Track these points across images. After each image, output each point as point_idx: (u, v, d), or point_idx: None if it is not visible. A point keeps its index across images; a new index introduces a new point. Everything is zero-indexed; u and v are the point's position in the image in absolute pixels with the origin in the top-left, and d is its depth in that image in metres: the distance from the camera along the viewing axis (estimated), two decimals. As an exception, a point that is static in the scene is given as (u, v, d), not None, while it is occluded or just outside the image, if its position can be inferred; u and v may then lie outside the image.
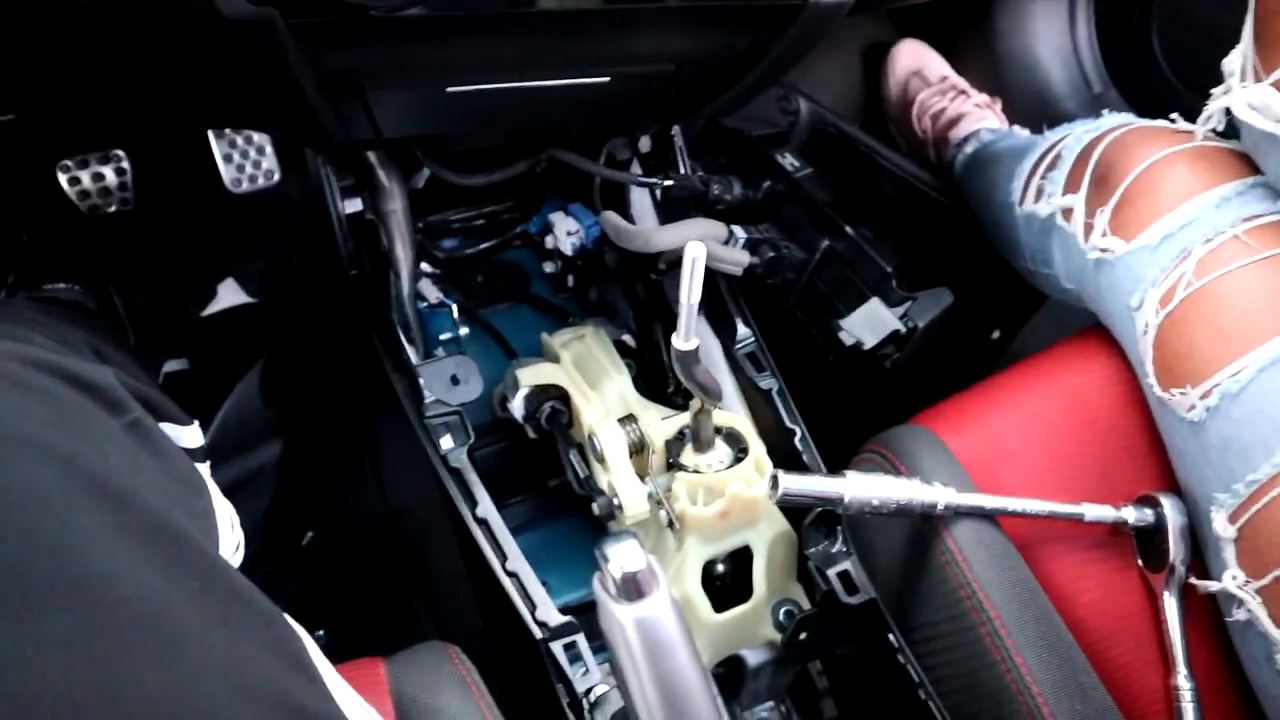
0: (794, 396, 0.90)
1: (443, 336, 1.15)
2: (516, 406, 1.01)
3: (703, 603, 0.83)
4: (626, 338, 1.12)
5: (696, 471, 0.81)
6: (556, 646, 0.73)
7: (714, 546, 0.83)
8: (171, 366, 1.25)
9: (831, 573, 0.81)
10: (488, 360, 1.16)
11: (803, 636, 0.86)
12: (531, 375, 0.99)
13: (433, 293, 1.15)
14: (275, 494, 1.17)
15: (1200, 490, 0.68)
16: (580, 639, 0.75)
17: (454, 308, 1.14)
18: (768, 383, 0.90)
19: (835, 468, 0.93)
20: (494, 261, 1.24)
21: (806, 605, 0.88)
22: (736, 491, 0.80)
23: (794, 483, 0.72)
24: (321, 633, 1.15)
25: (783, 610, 0.88)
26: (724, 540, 0.84)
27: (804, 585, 0.90)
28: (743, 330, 0.93)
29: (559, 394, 0.98)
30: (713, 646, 0.86)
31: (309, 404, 1.20)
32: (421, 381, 0.86)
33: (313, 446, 1.20)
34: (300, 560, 1.17)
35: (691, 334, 0.68)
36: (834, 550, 0.83)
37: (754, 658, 0.93)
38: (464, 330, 1.15)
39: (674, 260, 1.01)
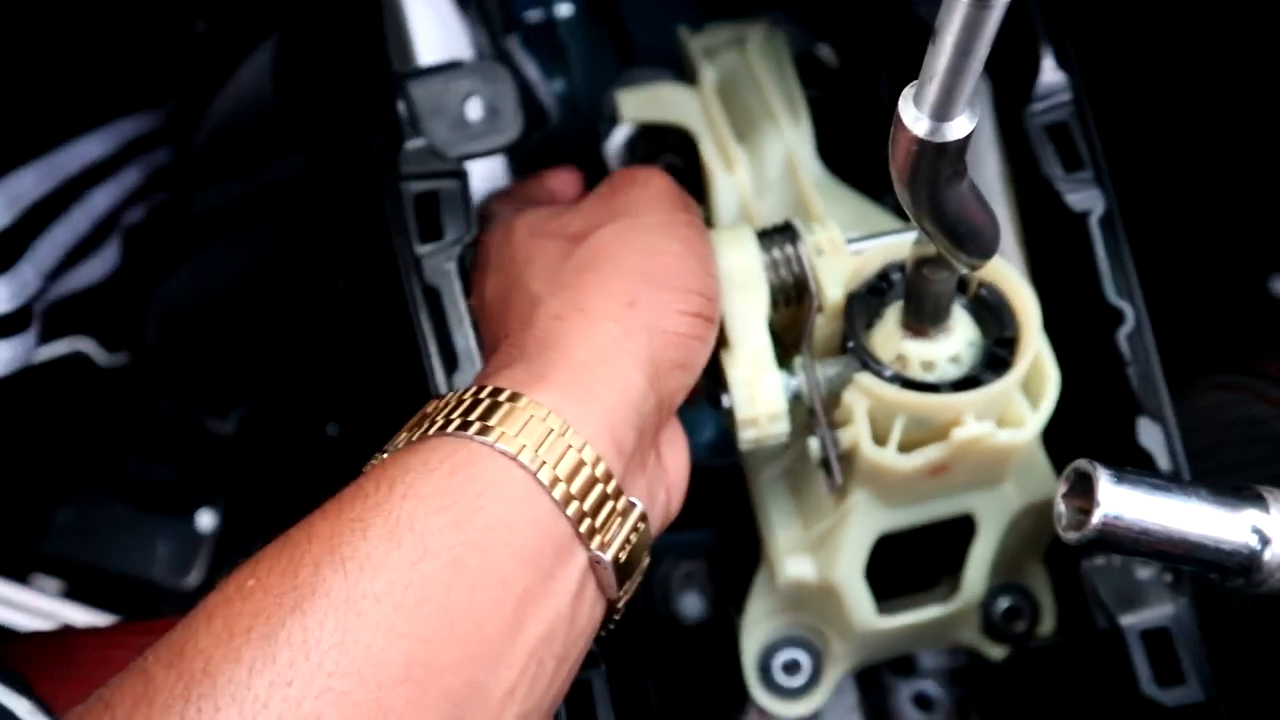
0: (1131, 232, 0.44)
1: (530, 15, 0.72)
2: (612, 152, 0.60)
3: (861, 599, 0.45)
4: (824, 50, 0.66)
5: (900, 380, 0.39)
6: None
7: (903, 514, 0.43)
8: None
9: (1129, 623, 0.40)
10: (597, 65, 0.73)
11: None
12: (641, 104, 0.57)
13: (520, -62, 0.70)
14: (295, 227, 0.83)
15: None
16: (598, 678, 0.39)
17: (551, -33, 0.70)
18: (1083, 197, 0.44)
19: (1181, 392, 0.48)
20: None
21: (1047, 604, 0.49)
22: (976, 437, 0.38)
23: (1126, 503, 0.30)
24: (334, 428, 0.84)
25: (1003, 603, 0.49)
26: (924, 505, 0.43)
27: (1051, 564, 0.49)
28: (1052, 76, 0.46)
29: (682, 141, 0.56)
30: (863, 653, 0.49)
31: (341, 109, 0.81)
32: (402, 107, 0.45)
33: (343, 167, 0.83)
34: (329, 317, 0.85)
35: (965, 99, 0.24)
36: (1141, 577, 0.41)
37: (932, 661, 0.55)
38: (565, 8, 0.72)
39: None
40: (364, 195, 0.76)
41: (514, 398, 0.32)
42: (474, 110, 0.48)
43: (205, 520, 0.80)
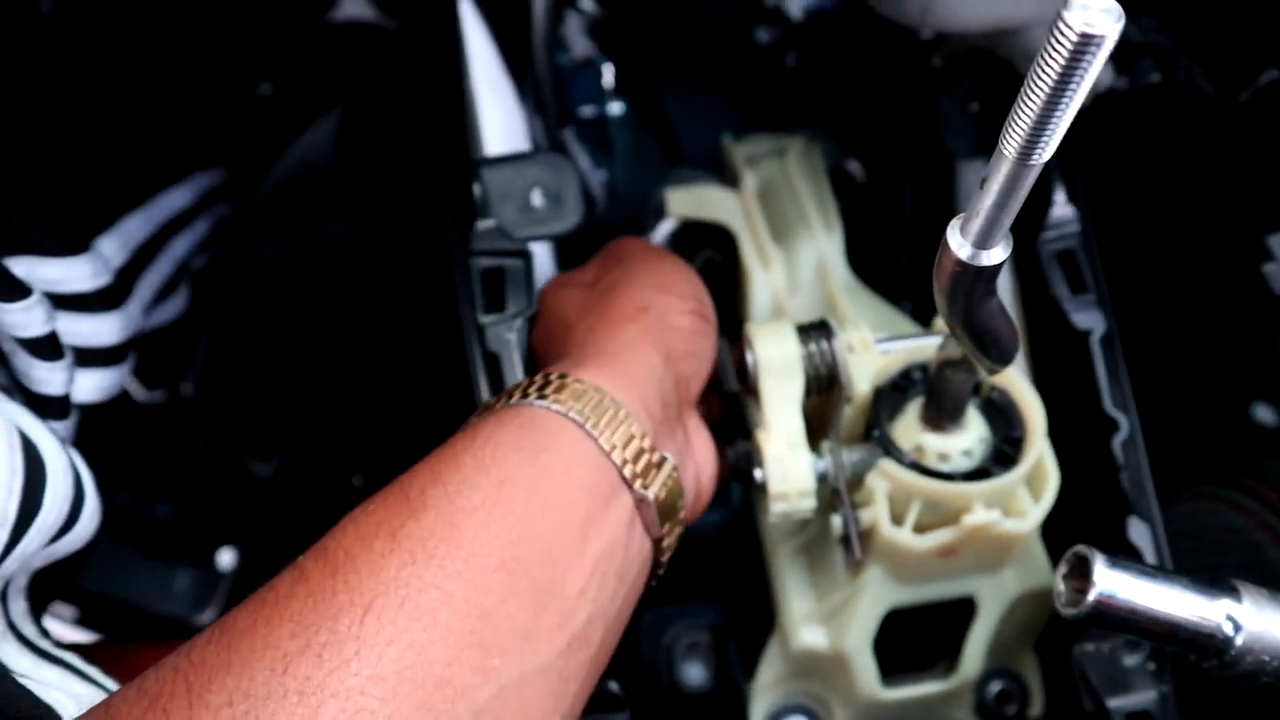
0: (1129, 352, 0.49)
1: (584, 110, 0.78)
2: (657, 242, 0.65)
3: (868, 669, 0.48)
4: (854, 166, 0.72)
5: (917, 467, 0.44)
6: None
7: (912, 591, 0.47)
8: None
9: (1115, 706, 0.44)
10: (642, 160, 0.79)
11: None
12: (686, 202, 0.62)
13: (581, 43, 0.77)
14: (341, 286, 0.88)
15: None
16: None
17: (606, 69, 0.77)
18: (1086, 317, 0.50)
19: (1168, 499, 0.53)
20: (691, 10, 0.84)
21: (1036, 688, 0.52)
22: (983, 524, 0.43)
23: (1118, 584, 0.34)
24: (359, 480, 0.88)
25: (996, 686, 0.53)
26: (932, 585, 0.48)
27: (1041, 653, 0.53)
28: (1062, 209, 0.52)
29: (722, 238, 0.62)
30: (864, 723, 0.52)
31: (400, 181, 0.87)
32: (477, 190, 0.51)
33: (393, 235, 0.89)
34: (367, 372, 0.89)
35: (1003, 233, 0.29)
36: (1128, 664, 0.45)
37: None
38: (616, 106, 0.78)
39: (963, 49, 0.59)
40: (420, 263, 0.82)
41: (563, 377, 0.41)
42: (538, 197, 0.53)
43: (226, 559, 0.83)
